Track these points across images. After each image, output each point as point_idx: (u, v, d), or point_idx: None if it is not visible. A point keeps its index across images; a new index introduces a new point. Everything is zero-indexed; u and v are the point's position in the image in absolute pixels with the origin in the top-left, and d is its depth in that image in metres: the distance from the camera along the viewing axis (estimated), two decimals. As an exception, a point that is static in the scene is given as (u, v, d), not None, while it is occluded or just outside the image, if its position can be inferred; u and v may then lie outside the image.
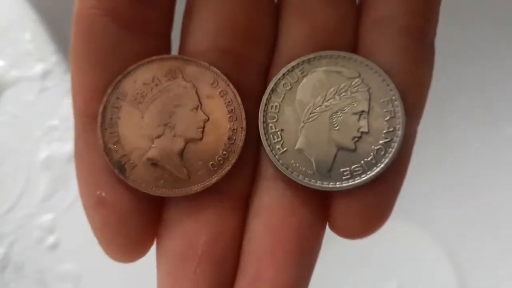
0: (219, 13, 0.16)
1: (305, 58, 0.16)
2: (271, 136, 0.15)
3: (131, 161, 0.15)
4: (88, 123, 0.15)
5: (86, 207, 0.15)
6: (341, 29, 0.16)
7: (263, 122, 0.15)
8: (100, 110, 0.15)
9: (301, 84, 0.16)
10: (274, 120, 0.15)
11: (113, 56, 0.15)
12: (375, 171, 0.15)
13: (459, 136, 0.36)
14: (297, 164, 0.15)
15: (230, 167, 0.15)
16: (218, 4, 0.16)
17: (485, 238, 0.35)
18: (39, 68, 0.30)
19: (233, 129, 0.15)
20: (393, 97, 0.15)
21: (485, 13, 0.35)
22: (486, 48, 0.35)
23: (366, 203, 0.15)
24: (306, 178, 0.15)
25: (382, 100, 0.15)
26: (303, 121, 0.15)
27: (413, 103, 0.15)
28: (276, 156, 0.15)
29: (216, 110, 0.15)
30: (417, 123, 0.16)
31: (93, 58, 0.15)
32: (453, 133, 0.35)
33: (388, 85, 0.15)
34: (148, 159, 0.15)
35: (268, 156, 0.15)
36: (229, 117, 0.15)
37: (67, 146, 0.28)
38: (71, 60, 0.15)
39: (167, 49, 0.16)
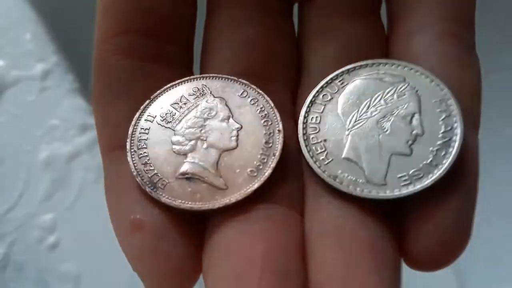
0: (235, 39, 0.16)
1: (344, 69, 0.15)
2: (313, 147, 0.14)
3: (163, 179, 0.14)
4: (116, 155, 0.15)
5: (121, 235, 0.13)
6: (368, 45, 0.16)
7: (304, 134, 0.14)
8: (129, 132, 0.15)
9: (342, 93, 0.15)
10: (316, 132, 0.14)
11: (135, 87, 0.15)
12: (437, 173, 0.13)
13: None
14: (346, 174, 0.14)
15: (270, 171, 0.14)
16: (235, 32, 0.16)
17: (485, 238, 0.35)
18: (39, 68, 0.30)
19: (269, 133, 0.14)
20: (446, 96, 0.14)
21: (485, 13, 0.35)
22: (486, 48, 0.35)
23: (441, 222, 0.13)
24: (358, 188, 0.13)
25: (434, 101, 0.14)
26: (348, 129, 0.14)
27: (467, 110, 0.14)
28: (321, 167, 0.14)
29: (248, 118, 0.15)
30: (476, 133, 0.14)
31: (116, 92, 0.15)
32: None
33: (438, 85, 0.14)
34: (182, 174, 0.14)
35: (312, 169, 0.14)
36: (264, 121, 0.15)
37: (67, 146, 0.28)
38: (95, 102, 0.15)
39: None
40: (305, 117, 0.15)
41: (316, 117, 0.15)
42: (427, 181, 0.13)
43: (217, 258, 0.13)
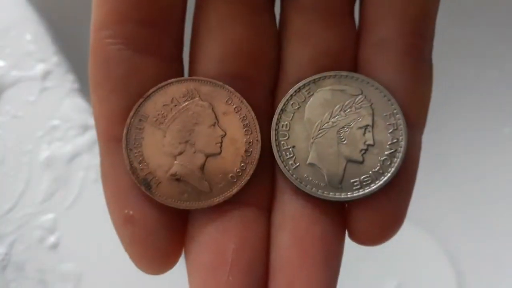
0: (224, 39, 0.17)
1: (310, 79, 0.17)
2: (283, 152, 0.16)
3: (156, 178, 0.16)
4: (112, 146, 0.16)
5: (116, 225, 0.16)
6: (342, 51, 0.17)
7: (275, 140, 0.16)
8: (124, 132, 0.16)
9: (308, 103, 0.17)
10: (286, 138, 0.16)
11: (131, 81, 0.16)
12: (383, 180, 0.16)
13: (457, 136, 0.36)
14: (310, 178, 0.16)
15: (248, 177, 0.16)
16: (223, 31, 0.17)
17: (485, 238, 0.35)
18: (39, 68, 0.30)
19: (249, 142, 0.16)
20: (395, 111, 0.16)
21: (485, 13, 0.35)
22: (486, 48, 0.35)
23: (381, 211, 0.16)
24: (320, 190, 0.16)
25: (384, 114, 0.16)
26: (312, 137, 0.16)
27: (415, 115, 0.16)
28: (290, 171, 0.16)
29: (232, 125, 0.16)
30: (421, 133, 0.17)
31: (112, 84, 0.16)
32: (452, 133, 0.35)
33: (389, 100, 0.16)
34: (172, 175, 0.16)
35: (282, 172, 0.16)
36: (245, 131, 0.16)
37: (67, 146, 0.28)
38: (91, 88, 0.16)
39: (181, 72, 0.17)
40: (276, 124, 0.17)
41: (286, 124, 0.17)
42: (374, 186, 0.16)
43: (196, 250, 0.15)
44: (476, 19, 0.35)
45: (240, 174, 0.16)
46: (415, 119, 0.16)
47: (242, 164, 0.16)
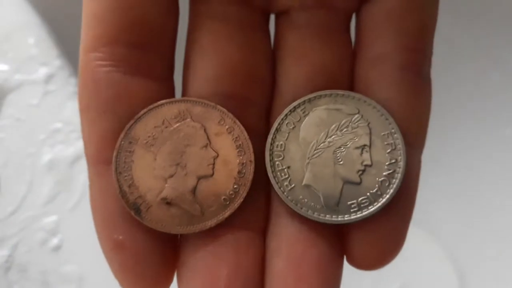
0: (218, 59, 0.16)
1: (305, 98, 0.16)
2: (278, 173, 0.16)
3: (146, 202, 0.15)
4: (101, 169, 0.15)
5: (105, 251, 0.15)
6: (339, 69, 0.17)
7: (270, 160, 0.16)
8: (114, 154, 0.15)
9: (303, 122, 0.16)
10: (280, 158, 0.16)
11: (121, 103, 0.16)
12: (381, 202, 0.15)
13: (459, 137, 0.36)
14: (306, 200, 0.15)
15: (241, 200, 0.15)
16: (216, 51, 0.16)
17: (486, 240, 0.35)
18: (42, 72, 0.30)
19: (242, 163, 0.16)
20: (392, 130, 0.16)
21: (485, 13, 0.35)
22: (486, 48, 0.35)
23: (379, 234, 0.15)
24: (316, 213, 0.15)
25: (382, 134, 0.16)
26: (308, 158, 0.16)
27: (413, 134, 0.16)
28: (285, 193, 0.16)
29: (224, 146, 0.16)
30: (420, 152, 0.16)
31: (101, 107, 0.16)
32: (453, 134, 0.35)
33: (387, 119, 0.16)
34: (162, 199, 0.15)
35: (277, 193, 0.16)
36: (238, 151, 0.16)
37: (70, 149, 0.28)
38: (80, 111, 0.16)
39: (172, 92, 0.17)
40: (271, 144, 0.16)
41: (281, 144, 0.16)
42: (372, 208, 0.15)
43: (189, 276, 0.15)
44: (478, 22, 0.35)
45: (233, 196, 0.15)
46: (413, 138, 0.16)
47: (235, 186, 0.15)
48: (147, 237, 0.15)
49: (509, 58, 0.35)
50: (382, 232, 0.15)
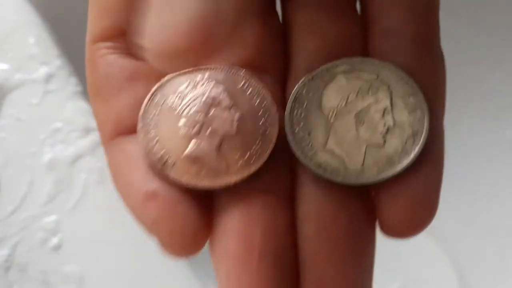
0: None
1: (323, 67, 0.16)
2: (299, 140, 0.16)
3: (172, 158, 0.15)
4: (119, 141, 0.16)
5: (134, 209, 0.15)
6: (350, 41, 0.17)
7: (290, 127, 0.16)
8: (140, 113, 0.16)
9: (322, 90, 0.16)
10: (301, 125, 0.16)
11: (137, 80, 0.16)
12: (407, 160, 0.15)
13: (459, 138, 0.36)
14: (329, 163, 0.15)
15: (267, 157, 0.15)
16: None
17: (487, 241, 0.35)
18: (43, 71, 0.30)
19: (266, 124, 0.16)
20: (414, 91, 0.16)
21: (485, 13, 0.35)
22: (486, 49, 0.35)
23: (410, 196, 0.15)
24: (340, 176, 0.15)
25: (403, 95, 0.16)
26: (329, 123, 0.16)
27: (433, 97, 0.16)
28: (307, 158, 0.15)
29: (248, 107, 0.16)
30: (442, 117, 0.16)
31: (116, 86, 0.16)
32: (453, 135, 0.35)
33: (407, 82, 0.16)
34: (188, 156, 0.16)
35: (300, 160, 0.15)
36: (261, 112, 0.16)
37: (70, 148, 0.28)
38: (92, 95, 0.16)
39: None
40: (290, 112, 0.16)
41: (300, 112, 0.16)
42: (399, 167, 0.15)
43: (223, 238, 0.15)
44: (480, 21, 0.35)
45: (257, 154, 0.16)
46: (433, 102, 0.16)
47: (259, 144, 0.16)
48: (179, 189, 0.15)
49: (509, 58, 0.35)
50: (412, 193, 0.15)
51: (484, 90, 0.36)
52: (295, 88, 0.16)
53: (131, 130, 0.16)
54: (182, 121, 0.16)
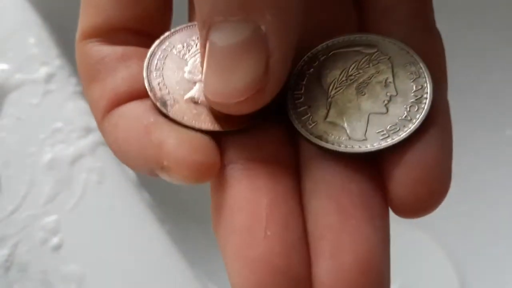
0: None
1: (322, 44, 0.16)
2: (299, 113, 0.16)
3: (173, 99, 0.16)
4: (117, 111, 0.15)
5: (139, 138, 0.15)
6: (347, 20, 0.17)
7: (291, 103, 0.16)
8: (147, 56, 0.16)
9: (322, 65, 0.16)
10: (300, 100, 0.16)
11: (131, 58, 0.16)
12: (412, 126, 0.14)
13: (459, 138, 0.36)
14: (331, 134, 0.15)
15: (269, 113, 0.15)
16: None
17: (488, 241, 0.35)
18: (43, 71, 0.30)
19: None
20: (415, 60, 0.16)
21: (485, 13, 0.35)
22: (486, 48, 0.35)
23: (421, 161, 0.14)
24: (342, 145, 0.15)
25: (404, 64, 0.16)
26: (329, 96, 0.16)
27: (435, 68, 0.16)
28: (308, 130, 0.15)
29: None
30: (445, 88, 0.16)
31: (111, 67, 0.16)
32: (453, 135, 0.35)
33: (408, 52, 0.16)
34: (190, 98, 0.16)
35: (301, 133, 0.15)
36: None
37: (70, 148, 0.28)
38: (85, 83, 0.16)
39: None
40: (291, 88, 0.16)
41: (300, 87, 0.16)
42: (403, 133, 0.14)
43: (227, 213, 0.14)
44: (479, 21, 0.35)
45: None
46: (435, 72, 0.16)
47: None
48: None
49: (509, 58, 0.35)
50: (422, 159, 0.14)
51: (484, 90, 0.36)
52: (296, 66, 0.16)
53: (127, 100, 0.15)
54: (188, 67, 0.16)
